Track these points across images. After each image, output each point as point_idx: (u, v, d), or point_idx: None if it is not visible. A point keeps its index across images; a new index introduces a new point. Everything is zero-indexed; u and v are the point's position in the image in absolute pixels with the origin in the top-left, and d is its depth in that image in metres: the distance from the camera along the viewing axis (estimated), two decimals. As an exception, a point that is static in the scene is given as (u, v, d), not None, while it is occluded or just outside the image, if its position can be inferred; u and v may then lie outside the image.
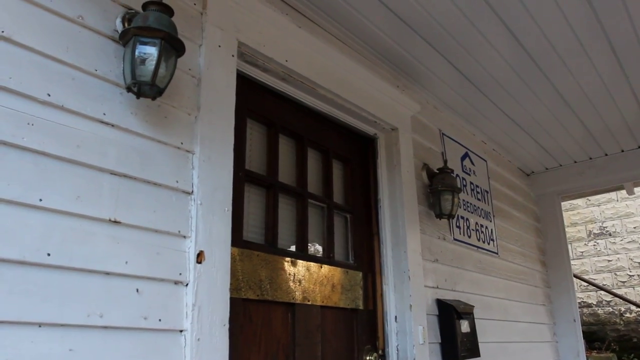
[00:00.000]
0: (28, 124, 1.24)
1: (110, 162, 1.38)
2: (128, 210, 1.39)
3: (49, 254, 1.21)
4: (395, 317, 2.36)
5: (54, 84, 1.31)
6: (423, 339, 2.37)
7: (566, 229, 5.26)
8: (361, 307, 2.31)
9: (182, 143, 1.57)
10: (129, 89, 1.42)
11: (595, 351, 6.59)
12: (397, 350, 2.32)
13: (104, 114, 1.40)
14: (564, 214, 5.35)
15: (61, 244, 1.24)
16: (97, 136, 1.37)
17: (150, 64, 1.39)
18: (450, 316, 2.59)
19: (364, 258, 2.43)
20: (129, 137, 1.44)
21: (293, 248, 2.08)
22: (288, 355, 1.91)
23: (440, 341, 2.59)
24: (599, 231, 7.48)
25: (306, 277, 2.04)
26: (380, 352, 2.32)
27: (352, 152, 2.53)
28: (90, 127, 1.36)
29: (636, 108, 3.35)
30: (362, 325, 2.30)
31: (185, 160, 1.57)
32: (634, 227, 7.20)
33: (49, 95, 1.29)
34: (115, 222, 1.35)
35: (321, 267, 2.13)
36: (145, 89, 1.41)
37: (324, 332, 2.09)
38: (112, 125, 1.41)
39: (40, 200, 1.23)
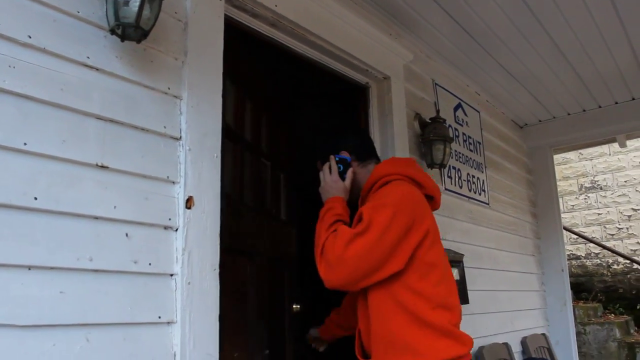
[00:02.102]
0: (9, 66, 1.21)
1: (95, 107, 1.36)
2: (115, 155, 1.38)
3: (35, 198, 1.21)
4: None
5: (35, 25, 1.27)
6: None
7: (558, 183, 5.29)
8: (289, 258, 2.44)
9: (169, 88, 1.54)
10: (112, 32, 1.38)
11: (582, 301, 6.75)
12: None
13: (88, 57, 1.36)
14: (557, 168, 5.38)
15: (48, 188, 1.23)
16: (81, 80, 1.34)
17: (134, 5, 1.34)
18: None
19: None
20: (114, 81, 1.42)
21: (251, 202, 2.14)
22: (249, 302, 2.02)
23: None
24: (590, 185, 7.54)
25: (265, 229, 2.15)
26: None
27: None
28: (73, 70, 1.33)
29: (631, 58, 3.32)
30: (291, 276, 2.41)
31: (173, 105, 1.55)
32: (625, 181, 7.26)
33: (30, 37, 1.25)
34: (103, 166, 1.34)
35: (273, 220, 2.25)
36: (129, 31, 1.37)
37: (271, 280, 2.23)
38: (97, 69, 1.38)
39: (25, 144, 1.21)
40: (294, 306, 2.37)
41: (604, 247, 7.03)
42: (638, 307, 6.57)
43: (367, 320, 1.61)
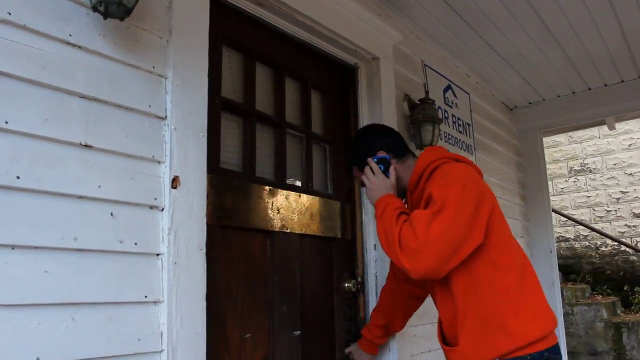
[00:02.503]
0: (-11, 43, 1.19)
1: (78, 85, 1.34)
2: (100, 134, 1.36)
3: (18, 177, 1.19)
4: (375, 245, 2.39)
5: (15, 2, 1.24)
6: (401, 267, 2.42)
7: (548, 166, 5.32)
8: (339, 236, 2.34)
9: (154, 67, 1.53)
10: (95, 9, 1.36)
11: (570, 283, 6.84)
12: (376, 277, 2.37)
13: (70, 35, 1.34)
14: (547, 151, 5.41)
15: (31, 167, 1.22)
16: (64, 58, 1.32)
17: (117, -18, 1.32)
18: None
19: (344, 188, 2.44)
20: (98, 59, 1.40)
21: (271, 178, 2.08)
22: (268, 282, 1.95)
23: (418, 269, 2.65)
24: (580, 168, 7.60)
25: (284, 206, 2.05)
26: (359, 279, 2.38)
27: (333, 82, 2.49)
28: (55, 48, 1.31)
29: (621, 41, 3.32)
30: (340, 254, 2.34)
31: (158, 85, 1.53)
32: (614, 164, 7.32)
33: (10, 14, 1.23)
34: (87, 146, 1.33)
35: (300, 196, 2.14)
36: (112, 8, 1.35)
37: (303, 259, 2.13)
38: (80, 47, 1.36)
39: (7, 122, 1.19)
40: (346, 285, 2.32)
41: (593, 230, 7.10)
42: (625, 289, 6.66)
43: (452, 307, 1.60)
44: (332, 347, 2.22)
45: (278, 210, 2.01)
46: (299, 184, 2.22)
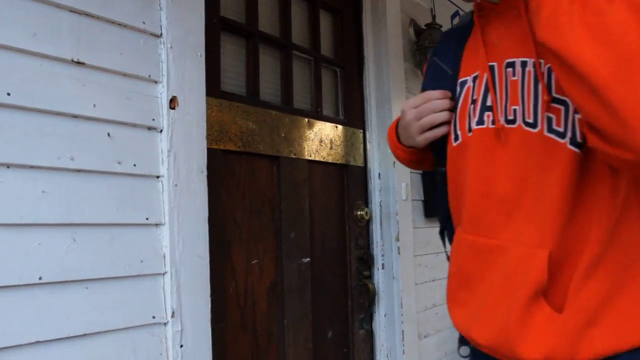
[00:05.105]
0: (-32, -50, 1.11)
1: (67, -2, 1.27)
2: (92, 51, 1.30)
3: (9, 94, 1.15)
4: (379, 174, 2.36)
5: None
6: (406, 195, 2.41)
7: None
8: (352, 163, 2.31)
9: (146, -19, 1.44)
10: None
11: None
12: (381, 206, 2.36)
13: (56, -56, 1.26)
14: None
15: (21, 84, 1.17)
16: (50, -32, 1.24)
17: None
18: (433, 175, 2.60)
19: (356, 114, 2.38)
20: (87, -29, 1.32)
21: (277, 101, 2.01)
22: (274, 209, 1.93)
23: (423, 198, 2.64)
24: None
25: (291, 131, 2.00)
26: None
27: (342, 3, 2.37)
28: (40, -43, 1.23)
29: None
30: (353, 181, 2.31)
31: (152, 0, 1.45)
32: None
33: None
34: (79, 62, 1.27)
35: (308, 121, 2.08)
36: None
37: (312, 186, 2.10)
38: (66, -43, 1.28)
39: (-7, 36, 1.13)
40: (358, 213, 2.30)
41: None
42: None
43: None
44: (344, 275, 2.23)
45: (284, 135, 1.96)
46: (307, 108, 2.16)
